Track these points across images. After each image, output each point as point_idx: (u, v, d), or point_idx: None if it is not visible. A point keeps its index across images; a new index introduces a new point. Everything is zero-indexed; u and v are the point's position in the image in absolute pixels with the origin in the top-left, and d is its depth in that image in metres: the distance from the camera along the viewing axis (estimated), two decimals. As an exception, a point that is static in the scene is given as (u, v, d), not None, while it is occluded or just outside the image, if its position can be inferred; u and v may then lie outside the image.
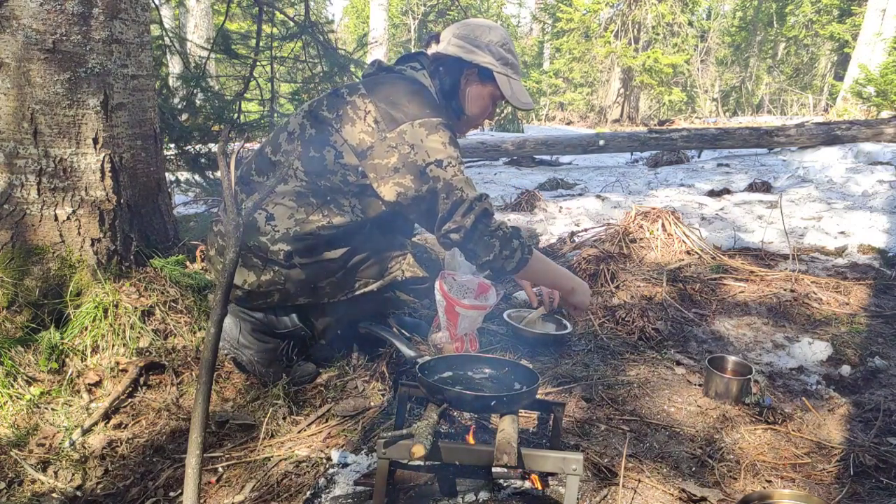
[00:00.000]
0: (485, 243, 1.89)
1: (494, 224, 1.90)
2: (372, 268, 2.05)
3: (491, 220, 1.89)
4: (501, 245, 1.89)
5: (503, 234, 1.90)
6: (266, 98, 4.87)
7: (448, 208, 1.86)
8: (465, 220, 1.85)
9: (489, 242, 1.88)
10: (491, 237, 1.88)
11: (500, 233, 1.89)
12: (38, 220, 2.15)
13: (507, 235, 1.91)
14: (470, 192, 1.87)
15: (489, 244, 1.89)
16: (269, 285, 1.96)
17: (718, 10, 24.03)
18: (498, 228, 1.90)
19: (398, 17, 22.79)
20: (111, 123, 2.22)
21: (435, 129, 1.88)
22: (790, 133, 7.61)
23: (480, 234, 1.88)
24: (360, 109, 1.90)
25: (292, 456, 1.72)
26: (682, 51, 17.73)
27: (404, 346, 2.03)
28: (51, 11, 2.04)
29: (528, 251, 1.96)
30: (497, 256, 1.90)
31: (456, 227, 1.86)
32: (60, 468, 1.69)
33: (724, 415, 1.90)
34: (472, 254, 1.92)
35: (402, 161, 1.86)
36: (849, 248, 3.68)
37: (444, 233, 1.89)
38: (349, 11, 33.21)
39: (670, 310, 2.70)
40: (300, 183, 1.93)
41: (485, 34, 2.04)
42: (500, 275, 2.07)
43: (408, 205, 1.90)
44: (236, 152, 1.13)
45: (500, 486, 1.52)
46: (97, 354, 2.07)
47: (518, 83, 2.08)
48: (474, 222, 1.86)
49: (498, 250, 1.89)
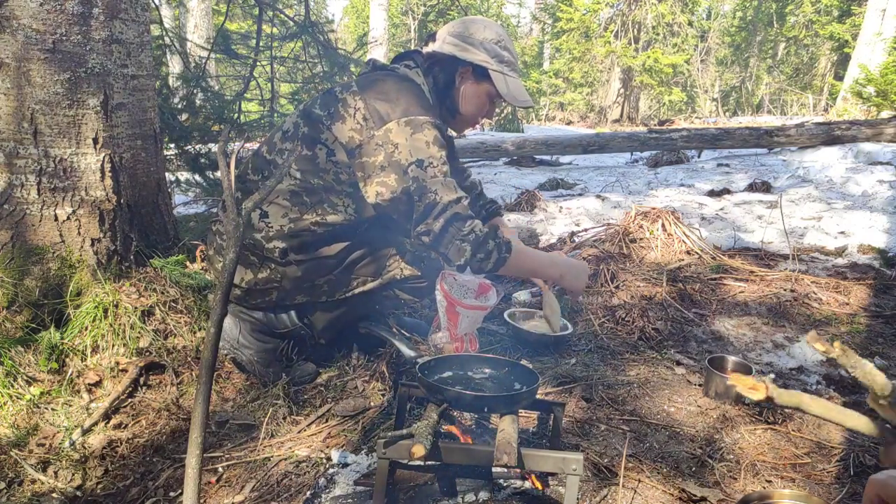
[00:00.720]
0: (455, 247, 1.85)
1: (467, 228, 1.85)
2: (369, 266, 2.04)
3: (463, 224, 1.84)
4: (474, 249, 1.85)
5: (475, 237, 1.85)
6: (266, 98, 4.87)
7: (421, 210, 1.84)
8: (435, 223, 1.83)
9: (460, 247, 1.85)
10: (462, 241, 1.84)
11: (471, 236, 1.85)
12: (38, 220, 2.15)
13: (479, 238, 1.86)
14: (445, 195, 1.83)
15: (460, 248, 1.85)
16: (267, 283, 1.96)
17: (718, 10, 24.03)
18: (470, 232, 1.85)
19: (398, 17, 22.79)
20: (111, 123, 2.22)
21: (420, 128, 1.85)
22: (790, 133, 7.61)
23: (451, 237, 1.84)
24: (351, 107, 1.90)
25: (292, 456, 1.72)
26: (682, 51, 17.72)
27: (404, 346, 2.03)
28: (51, 11, 2.04)
29: (507, 249, 1.92)
30: (469, 260, 1.87)
31: (426, 230, 1.84)
32: (60, 468, 1.69)
33: (724, 415, 1.90)
34: (443, 257, 1.90)
35: (388, 160, 1.85)
36: (849, 248, 3.68)
37: (416, 235, 1.87)
38: (349, 11, 33.22)
39: (670, 310, 2.70)
40: (294, 181, 1.93)
41: (480, 32, 2.02)
42: (478, 274, 2.04)
43: (387, 206, 1.89)
44: (236, 152, 1.13)
45: (500, 486, 1.52)
46: (97, 354, 2.07)
47: (515, 80, 2.06)
48: (443, 226, 1.83)
49: (469, 254, 1.86)
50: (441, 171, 1.85)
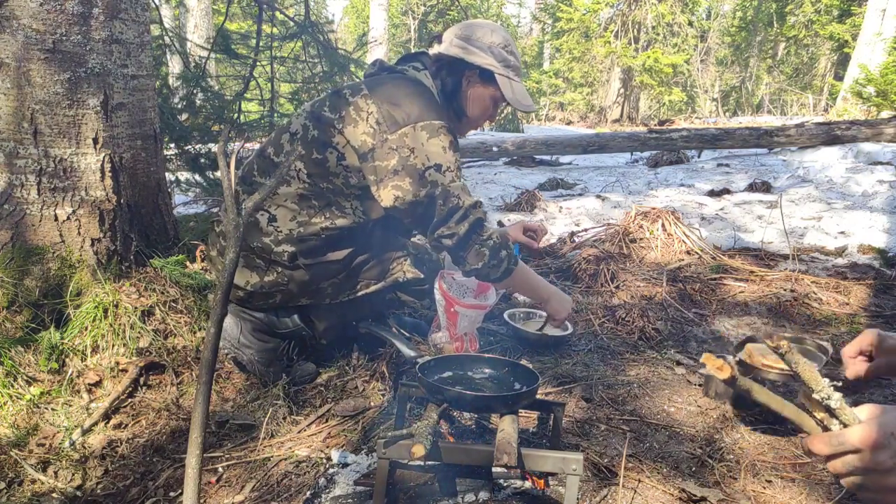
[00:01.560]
0: (475, 251, 1.92)
1: (486, 233, 1.93)
2: (374, 269, 2.05)
3: (483, 230, 1.93)
4: (490, 254, 1.93)
5: (493, 244, 1.94)
6: (266, 98, 4.87)
7: (444, 214, 1.88)
8: (460, 227, 1.88)
9: (479, 251, 1.92)
10: (482, 246, 1.92)
11: (490, 242, 1.93)
12: (38, 220, 2.15)
13: (496, 246, 1.94)
14: (466, 199, 1.89)
15: (479, 252, 1.92)
16: (273, 286, 1.96)
17: (718, 10, 24.03)
18: (489, 238, 1.93)
19: (398, 17, 22.79)
20: (111, 123, 2.22)
21: (436, 133, 1.88)
22: (790, 133, 7.61)
23: (473, 242, 1.91)
24: (363, 111, 1.90)
25: (292, 456, 1.72)
26: (682, 51, 17.73)
27: (404, 346, 2.03)
28: (51, 11, 2.04)
29: (514, 262, 2.01)
30: (485, 265, 1.94)
31: (450, 233, 1.89)
32: (60, 468, 1.69)
33: (724, 415, 1.90)
34: (461, 260, 1.96)
35: (402, 164, 1.86)
36: (849, 248, 3.68)
37: (437, 237, 1.92)
38: (349, 11, 33.23)
39: (670, 310, 2.70)
40: (303, 185, 1.93)
41: (487, 36, 2.04)
42: (483, 281, 2.12)
43: (404, 209, 1.91)
44: (236, 152, 1.13)
45: (500, 486, 1.52)
46: (97, 354, 2.07)
47: (519, 85, 2.08)
48: (468, 230, 1.89)
49: (487, 259, 1.93)
50: (458, 176, 1.91)
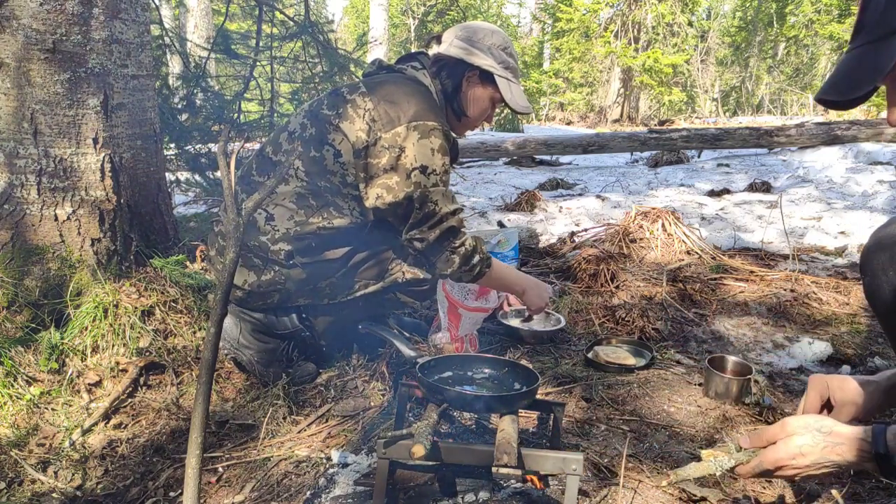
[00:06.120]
0: (445, 258, 1.97)
1: (458, 241, 1.97)
2: (372, 269, 2.05)
3: (456, 238, 1.97)
4: (461, 261, 1.98)
5: (465, 250, 1.98)
6: (266, 98, 4.87)
7: (419, 218, 1.91)
8: (431, 233, 1.93)
9: (449, 258, 1.98)
10: (452, 253, 1.97)
11: (462, 249, 1.97)
12: (38, 220, 2.15)
13: (468, 252, 1.99)
14: (444, 205, 1.92)
15: (449, 259, 1.97)
16: (270, 285, 1.96)
17: (718, 10, 24.05)
18: (461, 245, 1.97)
19: (398, 17, 22.79)
20: (111, 123, 2.22)
21: (427, 134, 1.88)
22: (790, 133, 7.61)
23: (442, 249, 1.96)
24: (360, 108, 1.90)
25: (292, 456, 1.72)
26: (682, 51, 17.74)
27: (404, 346, 2.03)
28: (51, 11, 2.04)
29: (487, 265, 2.05)
30: (454, 271, 2.00)
31: (421, 237, 1.94)
32: (60, 468, 1.69)
33: (724, 415, 1.90)
34: (430, 264, 2.01)
35: (393, 162, 1.87)
36: (849, 248, 3.68)
37: (409, 239, 1.96)
38: (349, 11, 33.24)
39: (670, 310, 2.70)
40: (301, 184, 1.93)
41: (487, 37, 2.05)
42: (456, 282, 2.20)
43: (385, 209, 1.92)
44: (236, 152, 1.13)
45: (500, 486, 1.52)
46: (97, 354, 2.07)
47: (517, 87, 2.09)
48: (439, 237, 1.93)
49: (457, 266, 1.98)
50: (442, 181, 1.92)
